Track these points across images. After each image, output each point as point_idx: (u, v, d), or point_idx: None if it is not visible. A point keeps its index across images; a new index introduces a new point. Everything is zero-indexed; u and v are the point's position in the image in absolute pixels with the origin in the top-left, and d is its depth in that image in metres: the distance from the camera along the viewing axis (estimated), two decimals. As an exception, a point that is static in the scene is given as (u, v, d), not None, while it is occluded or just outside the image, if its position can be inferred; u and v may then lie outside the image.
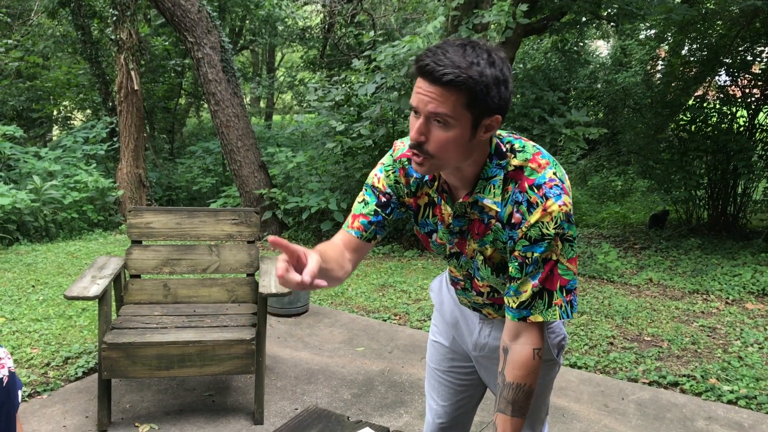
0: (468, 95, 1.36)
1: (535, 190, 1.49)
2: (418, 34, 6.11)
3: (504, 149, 1.53)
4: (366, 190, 1.73)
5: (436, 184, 1.61)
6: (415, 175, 1.65)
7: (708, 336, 4.64)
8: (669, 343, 4.46)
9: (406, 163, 1.66)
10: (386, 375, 3.86)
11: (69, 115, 13.86)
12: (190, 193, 10.42)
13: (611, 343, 4.45)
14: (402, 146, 1.69)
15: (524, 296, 1.55)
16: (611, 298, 5.40)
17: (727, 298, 5.49)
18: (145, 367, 3.07)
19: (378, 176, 1.71)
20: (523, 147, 1.54)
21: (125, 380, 3.65)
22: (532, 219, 1.49)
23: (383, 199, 1.69)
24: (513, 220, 1.53)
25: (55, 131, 14.00)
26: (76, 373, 3.74)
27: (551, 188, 1.49)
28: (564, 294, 1.55)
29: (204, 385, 3.67)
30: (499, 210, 1.53)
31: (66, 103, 13.26)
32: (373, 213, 1.70)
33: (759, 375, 3.93)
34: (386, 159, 1.71)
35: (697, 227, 7.98)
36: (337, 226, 7.49)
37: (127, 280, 3.61)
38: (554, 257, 1.52)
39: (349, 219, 1.73)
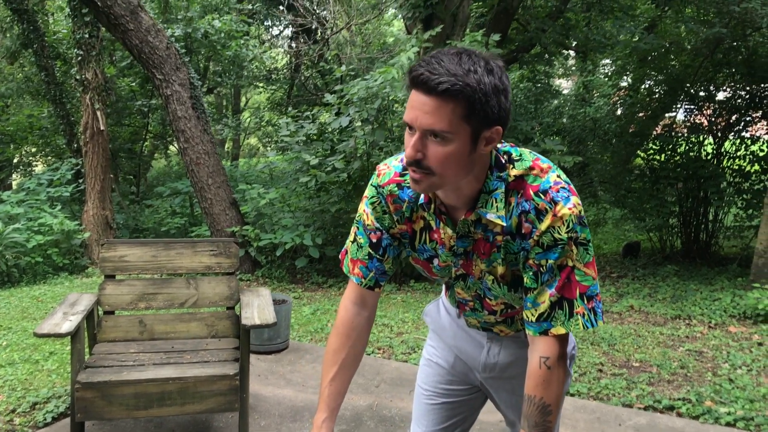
0: (465, 105, 1.27)
1: (542, 196, 1.41)
2: (393, 65, 6.10)
3: (503, 160, 1.45)
4: (358, 228, 1.64)
5: (432, 206, 1.52)
6: (407, 199, 1.55)
7: (696, 360, 4.58)
8: (658, 368, 4.39)
9: (395, 189, 1.56)
10: (375, 410, 3.70)
11: (31, 159, 13.55)
12: (158, 235, 10.19)
13: (600, 370, 4.36)
14: (387, 170, 1.58)
15: (543, 307, 1.46)
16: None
17: (710, 322, 5.46)
18: (123, 407, 2.89)
19: (366, 212, 1.61)
20: (521, 155, 1.47)
21: (99, 423, 3.43)
22: (543, 226, 1.41)
23: (374, 239, 1.61)
24: (523, 230, 1.44)
25: (15, 177, 13.68)
26: (45, 419, 3.50)
27: (558, 192, 1.41)
28: (585, 301, 1.46)
29: (183, 427, 3.47)
30: (504, 224, 1.44)
31: (27, 148, 12.97)
32: (368, 257, 1.62)
33: (752, 396, 3.86)
34: (369, 190, 1.61)
35: (671, 255, 8.01)
36: (312, 262, 7.35)
37: (100, 316, 3.43)
38: (570, 263, 1.43)
39: (349, 263, 1.67)
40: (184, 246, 3.51)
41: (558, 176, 1.44)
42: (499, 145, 1.49)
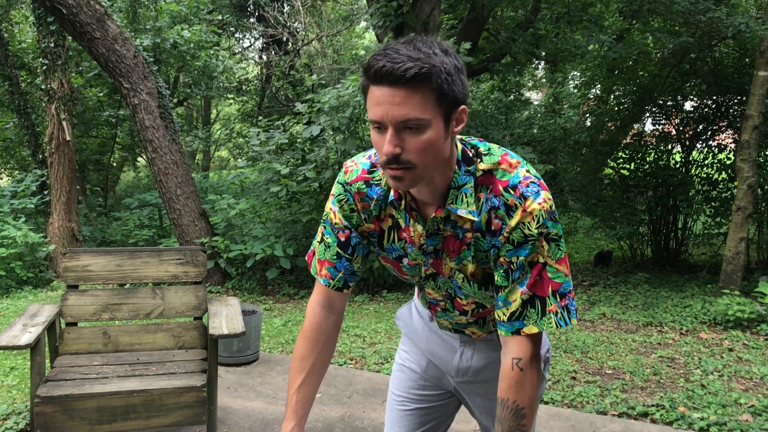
0: (435, 88, 1.23)
1: (511, 192, 1.37)
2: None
3: (470, 154, 1.41)
4: (325, 228, 1.59)
5: (403, 203, 1.47)
6: (375, 197, 1.51)
7: (668, 366, 4.58)
8: (631, 375, 4.38)
9: (363, 186, 1.51)
10: (347, 421, 3.63)
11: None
12: (126, 247, 9.98)
13: (574, 378, 4.34)
14: (355, 167, 1.53)
15: (514, 306, 1.42)
16: (568, 334, 5.32)
17: (681, 328, 5.49)
18: (84, 421, 2.79)
19: (333, 210, 1.56)
20: (489, 149, 1.43)
21: (60, 440, 3.31)
22: (513, 222, 1.37)
23: (342, 238, 1.55)
24: (493, 227, 1.40)
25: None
26: (4, 436, 3.38)
27: (528, 186, 1.37)
28: (558, 299, 1.42)
29: (149, 442, 3.36)
30: (475, 219, 1.39)
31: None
32: (336, 257, 1.56)
33: (724, 402, 3.87)
34: (336, 188, 1.55)
35: (642, 263, 8.07)
36: (283, 273, 7.25)
37: (62, 328, 3.32)
38: (541, 260, 1.39)
39: (316, 264, 1.60)
40: (150, 255, 3.42)
41: (527, 171, 1.41)
42: (466, 139, 1.46)
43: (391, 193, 1.46)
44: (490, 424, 1.79)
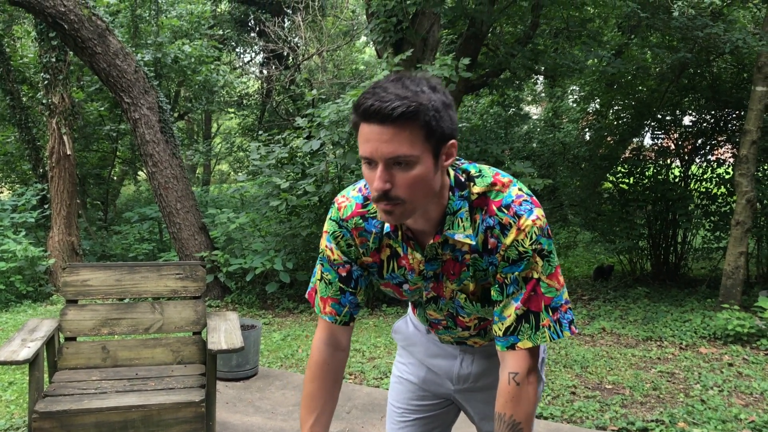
0: (422, 125, 1.26)
1: (505, 211, 1.40)
2: (364, 88, 6.10)
3: (462, 179, 1.44)
4: (323, 265, 1.60)
5: (399, 233, 1.49)
6: (374, 230, 1.52)
7: (668, 381, 4.57)
8: (631, 390, 4.38)
9: (360, 221, 1.53)
10: (345, 436, 3.62)
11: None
12: (126, 261, 9.99)
13: (573, 393, 4.34)
14: (348, 202, 1.55)
15: (509, 321, 1.44)
16: (567, 348, 5.31)
17: (681, 343, 5.48)
18: (83, 437, 2.78)
19: (330, 247, 1.57)
20: (480, 171, 1.46)
21: (58, 456, 3.30)
22: (508, 240, 1.40)
23: (344, 273, 1.57)
24: (489, 246, 1.43)
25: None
26: (2, 451, 3.38)
27: (521, 205, 1.41)
28: (551, 313, 1.45)
29: (147, 457, 3.35)
30: (472, 243, 1.42)
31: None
32: (339, 293, 1.58)
33: (724, 417, 3.86)
34: (330, 225, 1.57)
35: (642, 277, 8.06)
36: (283, 287, 7.26)
37: (61, 343, 3.32)
38: (535, 275, 1.43)
39: (320, 303, 1.62)
40: (149, 269, 3.42)
41: (520, 189, 1.44)
42: (456, 164, 1.49)
43: (387, 224, 1.49)
44: (490, 429, 1.81)
